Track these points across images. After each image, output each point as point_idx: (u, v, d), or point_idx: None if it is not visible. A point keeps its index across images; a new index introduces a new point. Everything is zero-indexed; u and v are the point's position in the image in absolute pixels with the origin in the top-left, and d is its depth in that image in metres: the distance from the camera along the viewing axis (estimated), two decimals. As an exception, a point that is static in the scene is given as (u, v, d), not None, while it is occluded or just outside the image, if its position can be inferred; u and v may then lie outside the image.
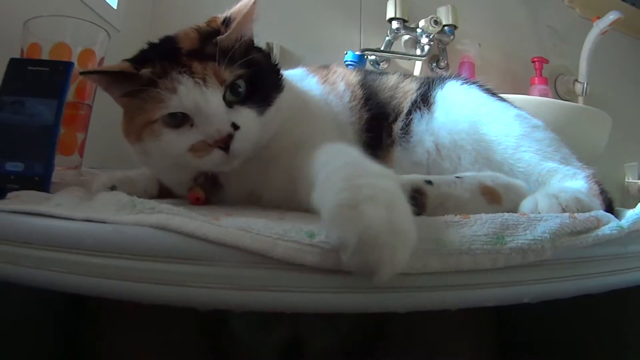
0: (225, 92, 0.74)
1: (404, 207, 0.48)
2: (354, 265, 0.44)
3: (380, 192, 0.47)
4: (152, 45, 0.80)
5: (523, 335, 1.06)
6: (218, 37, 0.76)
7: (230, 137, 0.71)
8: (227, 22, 0.79)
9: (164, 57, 0.74)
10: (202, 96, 0.71)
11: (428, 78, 1.02)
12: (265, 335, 0.96)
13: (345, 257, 0.44)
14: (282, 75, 0.84)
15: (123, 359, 0.89)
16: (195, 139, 0.73)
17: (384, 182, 0.49)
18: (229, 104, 0.74)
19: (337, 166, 0.54)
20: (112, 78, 0.76)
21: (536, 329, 1.02)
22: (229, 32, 0.76)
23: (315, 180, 0.55)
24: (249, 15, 0.78)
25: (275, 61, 0.86)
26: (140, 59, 0.76)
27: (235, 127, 0.72)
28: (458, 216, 0.57)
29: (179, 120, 0.73)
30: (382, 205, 0.45)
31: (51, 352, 0.91)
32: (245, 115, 0.75)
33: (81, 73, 0.80)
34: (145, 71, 0.73)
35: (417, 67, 1.78)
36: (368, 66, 1.75)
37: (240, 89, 0.75)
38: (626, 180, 1.99)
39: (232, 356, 0.98)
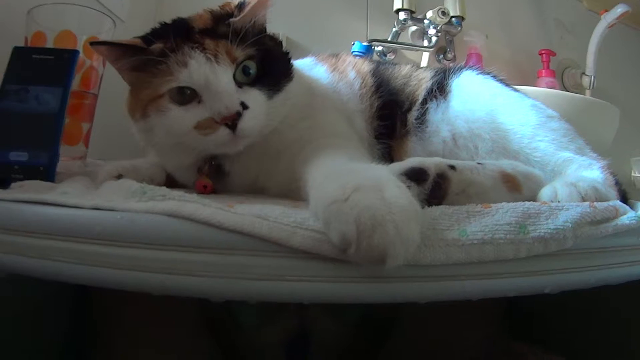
0: (235, 71, 0.74)
1: (395, 186, 0.48)
2: (363, 254, 0.43)
3: (364, 180, 0.48)
4: (164, 24, 0.79)
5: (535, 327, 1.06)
6: (231, 19, 0.76)
7: (238, 115, 0.71)
8: (241, 5, 0.79)
9: (177, 34, 0.74)
10: (212, 72, 0.71)
11: (442, 67, 1.02)
12: (272, 328, 0.95)
13: (352, 250, 0.43)
14: (292, 65, 0.84)
15: (128, 351, 0.88)
16: (203, 116, 0.72)
17: (367, 173, 0.51)
18: (239, 84, 0.74)
19: (326, 175, 0.56)
20: (121, 51, 0.75)
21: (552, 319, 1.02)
22: (242, 14, 0.76)
23: (309, 192, 0.56)
24: (264, 1, 0.78)
25: (286, 50, 0.86)
26: (151, 36, 0.76)
27: (244, 106, 0.72)
28: (479, 206, 0.56)
29: (187, 96, 0.73)
30: (370, 190, 0.46)
31: (53, 348, 0.90)
32: (254, 97, 0.75)
33: (91, 44, 0.77)
34: (157, 46, 0.73)
35: (424, 59, 1.77)
36: (375, 57, 1.73)
37: (250, 71, 0.75)
38: (633, 174, 1.98)
39: (238, 349, 0.97)
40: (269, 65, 0.78)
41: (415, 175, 0.60)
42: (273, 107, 0.77)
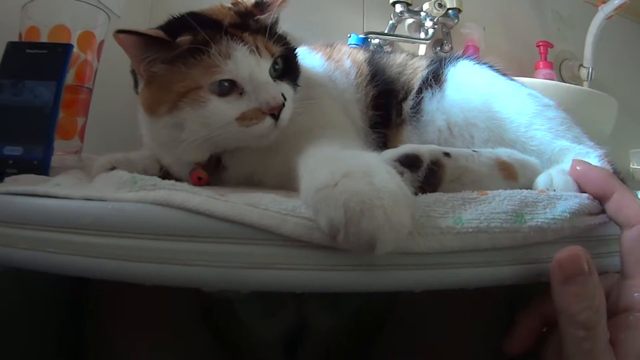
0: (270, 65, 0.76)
1: (385, 172, 0.48)
2: (351, 240, 0.43)
3: (354, 166, 0.47)
4: (178, 17, 0.78)
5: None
6: (259, 16, 0.78)
7: (283, 105, 0.73)
8: (261, 4, 0.80)
9: (204, 27, 0.72)
10: (257, 64, 0.73)
11: (438, 56, 1.02)
12: (272, 324, 0.94)
13: (341, 237, 0.43)
14: (298, 60, 0.86)
15: (127, 348, 0.88)
16: (248, 107, 0.72)
17: (358, 159, 0.51)
18: (272, 78, 0.76)
19: (317, 163, 0.55)
20: (145, 42, 0.72)
21: None
22: (269, 13, 0.78)
23: (301, 180, 0.55)
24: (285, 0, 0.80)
25: (293, 46, 0.87)
26: (171, 28, 0.74)
27: (284, 97, 0.74)
28: (475, 193, 0.55)
29: (227, 88, 0.73)
30: (359, 175, 0.46)
31: (51, 344, 0.90)
32: (287, 89, 0.77)
33: (117, 31, 0.71)
34: (185, 38, 0.71)
35: (421, 51, 1.77)
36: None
37: (277, 66, 0.77)
38: (631, 166, 1.97)
39: (237, 343, 0.96)
40: (290, 61, 0.80)
41: (409, 162, 0.59)
42: (294, 100, 0.79)
